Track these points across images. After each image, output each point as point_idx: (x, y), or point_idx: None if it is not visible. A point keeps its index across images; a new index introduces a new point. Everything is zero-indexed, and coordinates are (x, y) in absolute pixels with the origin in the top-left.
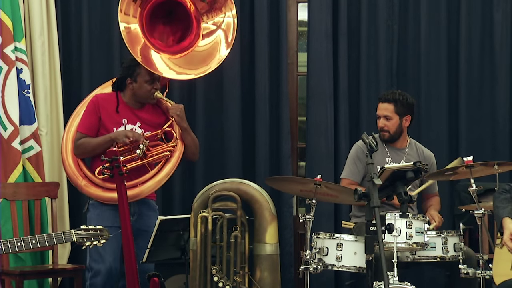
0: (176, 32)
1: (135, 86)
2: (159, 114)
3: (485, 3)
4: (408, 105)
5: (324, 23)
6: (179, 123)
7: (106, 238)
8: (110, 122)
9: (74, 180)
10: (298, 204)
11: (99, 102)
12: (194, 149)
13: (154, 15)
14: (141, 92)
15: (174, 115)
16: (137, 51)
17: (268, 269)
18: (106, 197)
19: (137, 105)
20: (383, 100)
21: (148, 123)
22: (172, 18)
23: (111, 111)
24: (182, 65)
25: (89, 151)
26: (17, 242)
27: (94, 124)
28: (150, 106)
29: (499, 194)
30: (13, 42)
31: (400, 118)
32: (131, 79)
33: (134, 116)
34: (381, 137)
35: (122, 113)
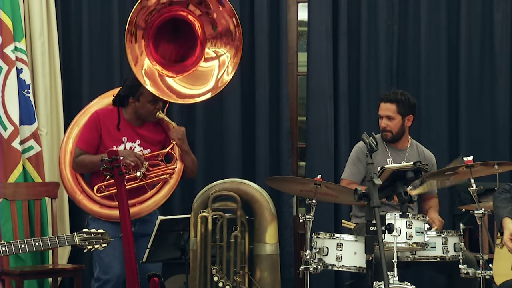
0: (179, 51)
1: (138, 105)
2: (159, 132)
3: (485, 3)
4: (410, 105)
5: (324, 23)
6: (180, 146)
7: (107, 241)
8: (110, 139)
9: (72, 194)
10: (298, 204)
11: (100, 119)
12: (193, 169)
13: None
14: (143, 111)
15: (176, 138)
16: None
17: (268, 269)
18: (104, 214)
19: (138, 122)
20: (386, 100)
21: (148, 140)
22: (177, 36)
23: (111, 128)
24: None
25: (88, 168)
26: (21, 244)
27: (95, 140)
28: (151, 123)
29: (499, 194)
30: (13, 42)
31: (402, 118)
32: (134, 98)
33: (134, 133)
34: (383, 137)
35: (123, 131)
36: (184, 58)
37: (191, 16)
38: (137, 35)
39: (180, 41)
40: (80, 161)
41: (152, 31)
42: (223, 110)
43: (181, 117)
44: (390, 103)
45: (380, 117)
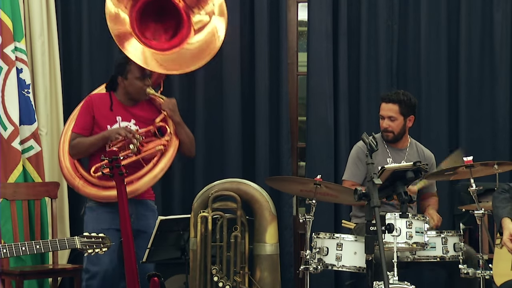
0: (168, 30)
1: (126, 84)
2: (154, 111)
3: (485, 3)
4: (412, 105)
5: (324, 23)
6: (172, 117)
7: (108, 246)
8: (104, 120)
9: (71, 181)
10: (298, 204)
11: (93, 102)
12: (189, 144)
13: (145, 15)
14: (133, 89)
15: (167, 109)
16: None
17: (268, 269)
18: (104, 195)
19: (131, 102)
20: (387, 100)
21: (143, 120)
22: (163, 16)
23: (105, 109)
24: (174, 63)
25: (83, 150)
26: (22, 247)
27: (88, 123)
28: (145, 103)
29: (498, 194)
30: (13, 42)
31: (404, 119)
32: (122, 76)
33: (128, 113)
34: (384, 137)
35: (116, 111)
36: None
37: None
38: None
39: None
40: (75, 144)
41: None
42: (223, 110)
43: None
44: (392, 104)
45: (381, 117)
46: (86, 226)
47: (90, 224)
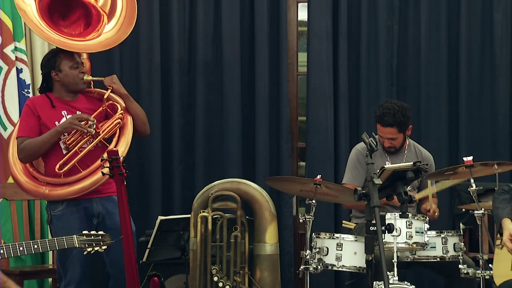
0: (78, 21)
1: (62, 76)
2: (94, 102)
3: (485, 3)
4: (408, 119)
5: (324, 23)
6: (118, 91)
7: (107, 243)
8: (50, 118)
9: (36, 191)
10: (298, 204)
11: (34, 103)
12: (142, 118)
13: (52, 13)
14: (69, 79)
15: (111, 83)
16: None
17: (268, 269)
18: (75, 190)
19: (70, 96)
20: (385, 124)
21: (87, 111)
22: (68, 10)
23: (47, 108)
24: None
25: (35, 150)
26: (19, 247)
27: (34, 125)
28: (83, 96)
29: (498, 195)
30: (13, 42)
31: (404, 134)
32: (55, 70)
33: (71, 107)
34: (386, 151)
35: (59, 107)
36: (88, 24)
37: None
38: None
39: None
40: (24, 147)
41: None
42: (223, 110)
43: (181, 118)
44: (390, 127)
45: (381, 136)
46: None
47: (59, 234)
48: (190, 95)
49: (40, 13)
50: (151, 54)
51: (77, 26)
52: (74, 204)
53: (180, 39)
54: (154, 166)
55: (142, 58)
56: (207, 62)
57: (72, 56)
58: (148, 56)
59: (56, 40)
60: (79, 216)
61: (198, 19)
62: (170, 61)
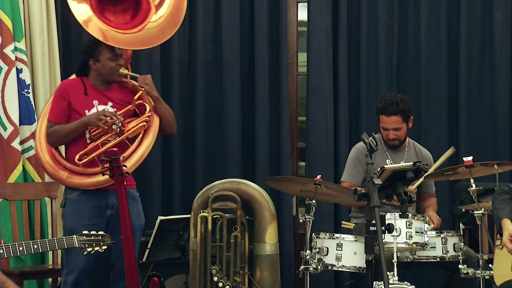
0: (127, 10)
1: (99, 66)
2: (128, 93)
3: (485, 3)
4: (410, 108)
5: (324, 23)
6: (150, 93)
7: (107, 244)
8: (81, 105)
9: (55, 174)
10: (298, 204)
11: (67, 88)
12: (170, 119)
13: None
14: (106, 70)
15: (143, 85)
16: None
17: (268, 269)
18: (90, 182)
19: (104, 85)
20: (389, 113)
21: (119, 102)
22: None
23: (80, 95)
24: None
25: (62, 137)
26: (19, 247)
27: (64, 110)
28: (117, 86)
29: (498, 195)
30: (13, 42)
31: (407, 124)
32: (94, 59)
33: (104, 96)
34: (390, 145)
35: (91, 95)
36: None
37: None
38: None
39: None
40: (53, 132)
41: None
42: (223, 110)
43: (181, 118)
44: (395, 116)
45: (384, 129)
46: (65, 220)
47: (69, 219)
48: (190, 95)
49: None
50: (151, 54)
51: (125, 14)
52: (90, 193)
53: (180, 38)
54: (154, 166)
55: (142, 58)
56: (207, 62)
57: (112, 48)
58: (148, 56)
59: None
60: (92, 205)
61: (198, 19)
62: (170, 61)
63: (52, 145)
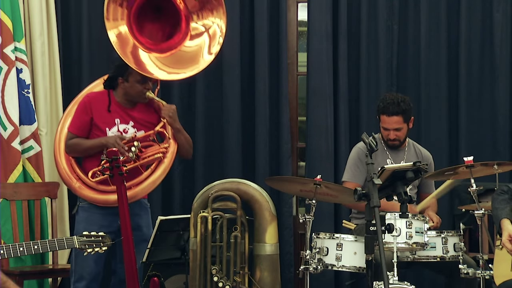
0: (164, 29)
1: (127, 86)
2: (152, 113)
3: (485, 3)
4: (411, 108)
5: (324, 23)
6: (172, 125)
7: (108, 245)
8: (103, 122)
9: (68, 181)
10: (298, 204)
11: (91, 102)
12: (188, 148)
13: (143, 13)
14: (133, 91)
15: (166, 116)
16: (127, 53)
17: (268, 269)
18: (100, 199)
19: (129, 104)
20: (391, 113)
21: (141, 122)
22: (161, 15)
23: (103, 110)
24: (171, 65)
25: (80, 152)
26: (19, 247)
27: (86, 124)
28: (143, 104)
29: (498, 195)
30: (13, 42)
31: (407, 124)
32: (123, 78)
33: (127, 115)
34: (390, 146)
35: (114, 113)
36: (170, 36)
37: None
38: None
39: (164, 20)
40: (72, 144)
41: (133, 11)
42: (223, 110)
43: (181, 118)
44: (396, 116)
45: (385, 129)
46: (77, 227)
47: (80, 225)
48: (190, 95)
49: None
50: None
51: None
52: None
53: None
54: None
55: None
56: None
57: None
58: None
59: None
60: (104, 212)
61: None
62: None
63: (69, 155)
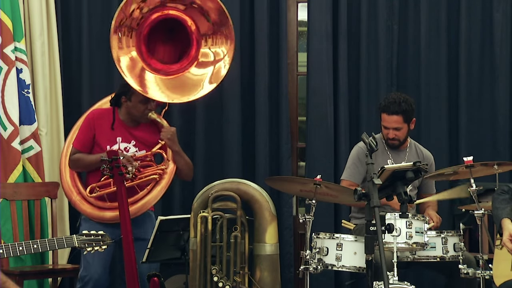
0: (176, 50)
1: (129, 105)
2: (155, 133)
3: (485, 3)
4: (412, 110)
5: (324, 23)
6: (171, 147)
7: (107, 243)
8: (104, 139)
9: (69, 195)
10: (298, 204)
11: (95, 119)
12: (187, 171)
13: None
14: (135, 111)
15: (165, 138)
16: (132, 75)
17: (268, 269)
18: (96, 215)
19: (133, 123)
20: (391, 112)
21: (143, 141)
22: (173, 36)
23: (106, 128)
24: (174, 89)
25: (81, 167)
26: (19, 247)
27: (88, 140)
28: (147, 124)
29: (498, 195)
30: (13, 42)
31: (408, 125)
32: (126, 97)
33: (129, 134)
34: (390, 145)
35: (117, 131)
36: (180, 58)
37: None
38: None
39: (176, 41)
40: (74, 159)
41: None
42: (223, 110)
43: (181, 118)
44: (396, 115)
45: (385, 127)
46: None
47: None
48: None
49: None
50: None
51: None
52: None
53: None
54: None
55: None
56: None
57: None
58: None
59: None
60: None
61: None
62: None
63: (72, 169)
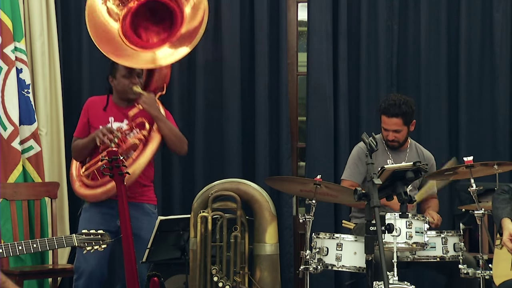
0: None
1: (115, 83)
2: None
3: (485, 3)
4: (412, 112)
5: (324, 23)
6: (149, 111)
7: (107, 242)
8: (97, 121)
9: (72, 183)
10: (298, 204)
11: (89, 105)
12: (174, 140)
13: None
14: (120, 87)
15: (142, 103)
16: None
17: (268, 269)
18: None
19: (124, 103)
20: (391, 115)
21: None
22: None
23: (99, 111)
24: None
25: (79, 152)
26: (18, 246)
27: (84, 126)
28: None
29: (498, 195)
30: (13, 42)
31: (408, 127)
32: (112, 76)
33: (121, 114)
34: (390, 146)
35: (109, 112)
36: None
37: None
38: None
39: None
40: (73, 147)
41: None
42: (223, 110)
43: (181, 118)
44: (396, 118)
45: (385, 129)
46: (79, 227)
47: (81, 224)
48: (190, 95)
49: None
50: None
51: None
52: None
53: None
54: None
55: None
56: (207, 62)
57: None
58: None
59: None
60: (103, 211)
61: None
62: None
63: (75, 159)
